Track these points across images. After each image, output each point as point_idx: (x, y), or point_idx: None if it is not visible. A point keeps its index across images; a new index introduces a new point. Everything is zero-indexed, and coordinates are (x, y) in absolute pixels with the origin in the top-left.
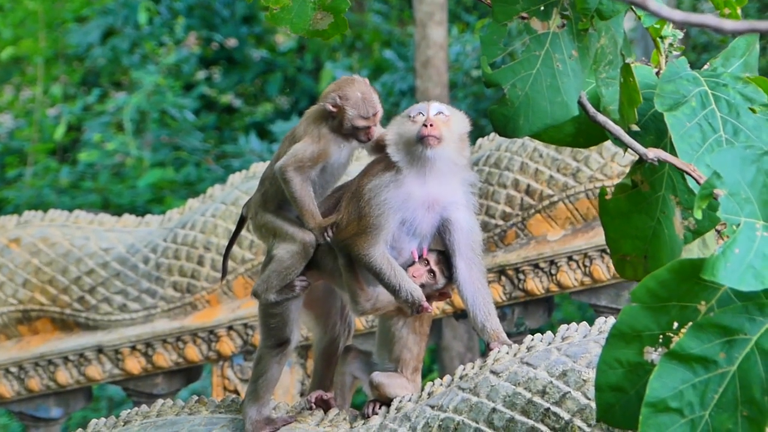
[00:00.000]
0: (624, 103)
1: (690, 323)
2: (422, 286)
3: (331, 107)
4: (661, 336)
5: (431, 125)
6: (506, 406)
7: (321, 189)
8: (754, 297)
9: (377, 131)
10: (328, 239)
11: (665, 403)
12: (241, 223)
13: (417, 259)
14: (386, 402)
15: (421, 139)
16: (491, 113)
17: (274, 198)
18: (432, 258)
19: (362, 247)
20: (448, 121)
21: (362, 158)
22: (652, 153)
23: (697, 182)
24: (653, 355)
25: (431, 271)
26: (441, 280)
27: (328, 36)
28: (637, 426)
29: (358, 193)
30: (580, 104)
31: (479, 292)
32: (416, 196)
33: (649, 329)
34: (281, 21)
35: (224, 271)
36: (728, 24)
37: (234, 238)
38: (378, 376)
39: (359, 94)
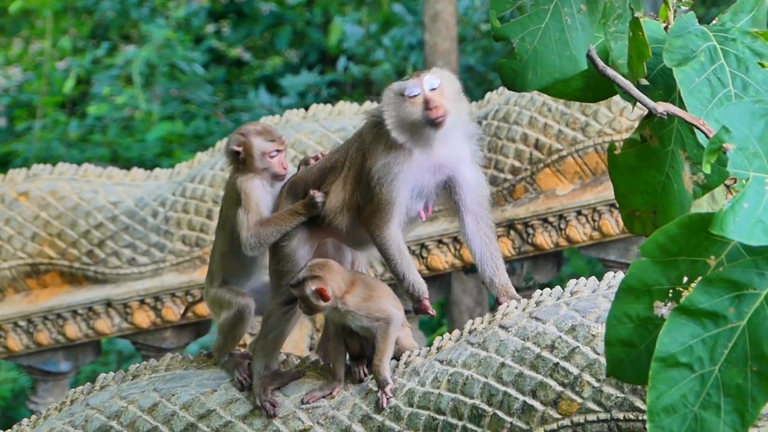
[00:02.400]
0: (633, 58)
1: (699, 278)
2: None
3: (236, 147)
4: (670, 291)
5: (435, 106)
6: (515, 360)
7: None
8: (764, 251)
9: (287, 164)
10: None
11: (675, 358)
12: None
13: (423, 218)
14: (396, 357)
15: (430, 122)
16: (500, 67)
17: (219, 272)
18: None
19: (376, 226)
20: (443, 90)
21: None
22: (662, 107)
23: (707, 136)
24: (663, 309)
25: None
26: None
27: None
28: (647, 381)
29: (366, 177)
30: (589, 58)
31: (487, 247)
32: (425, 166)
33: (659, 284)
34: None
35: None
36: None
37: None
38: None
39: (257, 126)
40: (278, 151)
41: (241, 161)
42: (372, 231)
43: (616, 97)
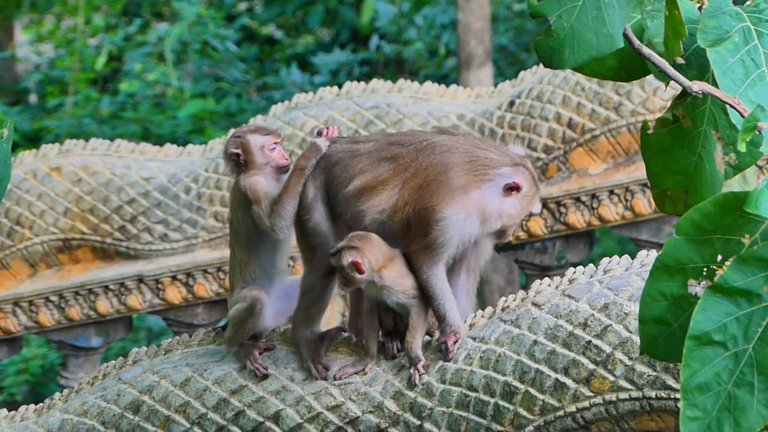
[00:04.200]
0: (669, 36)
1: (734, 256)
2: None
3: (234, 149)
4: (705, 269)
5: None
6: (547, 338)
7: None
8: None
9: (287, 155)
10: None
11: (709, 336)
12: None
13: None
14: (429, 334)
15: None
16: (537, 44)
17: (239, 282)
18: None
19: (424, 262)
20: None
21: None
22: (697, 86)
23: (741, 116)
24: (697, 288)
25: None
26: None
27: None
28: (680, 359)
29: (429, 215)
30: (626, 36)
31: (461, 300)
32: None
33: (693, 262)
34: None
35: None
36: None
37: None
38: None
39: (250, 126)
40: (276, 143)
41: (243, 163)
42: (419, 265)
43: (650, 77)
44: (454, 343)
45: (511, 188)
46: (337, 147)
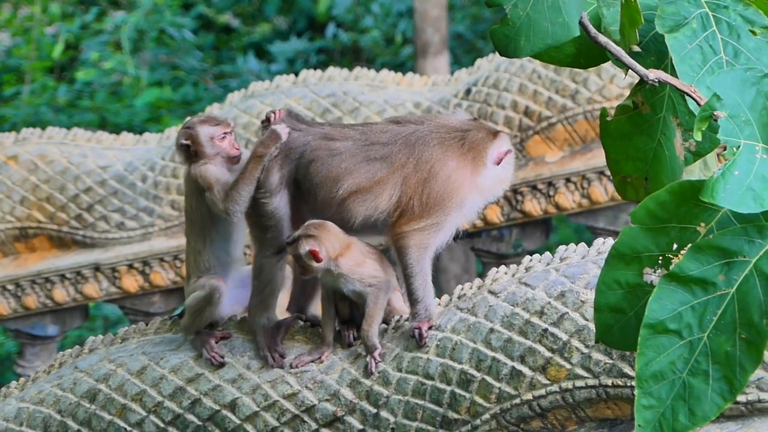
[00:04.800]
0: (625, 24)
1: (689, 245)
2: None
3: (184, 140)
4: (660, 257)
5: None
6: (504, 326)
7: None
8: (754, 219)
9: (239, 145)
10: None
11: (664, 324)
12: None
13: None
14: (386, 321)
15: None
16: (493, 33)
17: (195, 272)
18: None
19: (418, 244)
20: None
21: None
22: (653, 74)
23: (698, 104)
24: (652, 276)
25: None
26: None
27: None
28: (636, 347)
29: (439, 202)
30: (581, 25)
31: None
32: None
33: (649, 250)
34: None
35: None
36: None
37: None
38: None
39: (201, 116)
40: (226, 133)
41: (193, 154)
42: (410, 244)
43: (607, 65)
44: (428, 329)
45: (502, 156)
46: (308, 139)
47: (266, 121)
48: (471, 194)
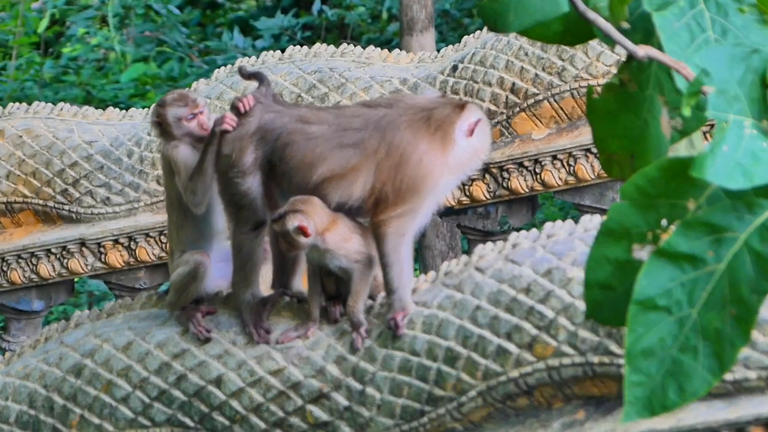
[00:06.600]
0: (614, 0)
1: (678, 221)
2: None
3: (155, 119)
4: (649, 233)
5: None
6: (490, 303)
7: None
8: (743, 195)
9: (209, 125)
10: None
11: (653, 301)
12: None
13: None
14: (372, 297)
15: None
16: (481, 9)
17: (178, 246)
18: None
19: (397, 230)
20: None
21: None
22: (643, 50)
23: (687, 80)
24: (642, 252)
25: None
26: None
27: None
28: (625, 323)
29: (413, 186)
30: (570, 1)
31: None
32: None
33: (638, 227)
34: None
35: None
36: None
37: None
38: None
39: (173, 94)
40: (194, 113)
41: (165, 132)
42: (389, 231)
43: (594, 42)
44: (403, 318)
45: (472, 126)
46: (284, 121)
47: (234, 109)
48: (445, 175)
